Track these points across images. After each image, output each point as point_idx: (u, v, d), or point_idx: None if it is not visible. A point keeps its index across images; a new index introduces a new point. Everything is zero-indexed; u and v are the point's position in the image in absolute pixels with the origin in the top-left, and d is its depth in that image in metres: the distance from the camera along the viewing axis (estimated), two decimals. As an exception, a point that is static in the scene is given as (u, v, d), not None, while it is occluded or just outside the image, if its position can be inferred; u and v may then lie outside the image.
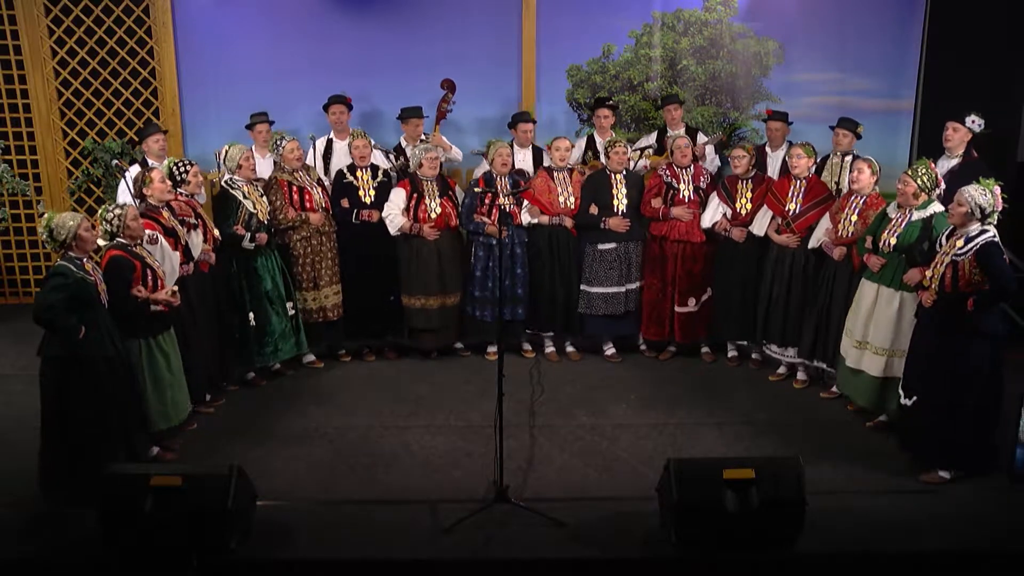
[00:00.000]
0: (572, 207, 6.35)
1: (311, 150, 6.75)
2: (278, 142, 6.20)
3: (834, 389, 5.89)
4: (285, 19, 7.23)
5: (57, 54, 7.30)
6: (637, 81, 7.42)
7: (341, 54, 7.22)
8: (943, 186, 5.20)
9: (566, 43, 7.32)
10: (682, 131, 6.78)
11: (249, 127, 6.58)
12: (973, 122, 5.96)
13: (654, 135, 7.04)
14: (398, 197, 6.28)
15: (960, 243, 4.63)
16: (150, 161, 6.17)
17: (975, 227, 4.61)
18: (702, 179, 6.36)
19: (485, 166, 6.76)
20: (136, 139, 7.40)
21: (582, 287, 6.45)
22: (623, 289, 6.42)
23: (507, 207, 6.25)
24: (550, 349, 6.70)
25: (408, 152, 6.66)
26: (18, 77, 7.34)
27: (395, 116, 6.79)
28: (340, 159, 6.68)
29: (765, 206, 6.06)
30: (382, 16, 7.22)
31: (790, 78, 7.35)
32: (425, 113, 6.73)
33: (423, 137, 6.78)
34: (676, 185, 6.29)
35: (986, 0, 6.79)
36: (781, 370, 6.27)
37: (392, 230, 6.30)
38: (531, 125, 6.66)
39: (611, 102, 6.93)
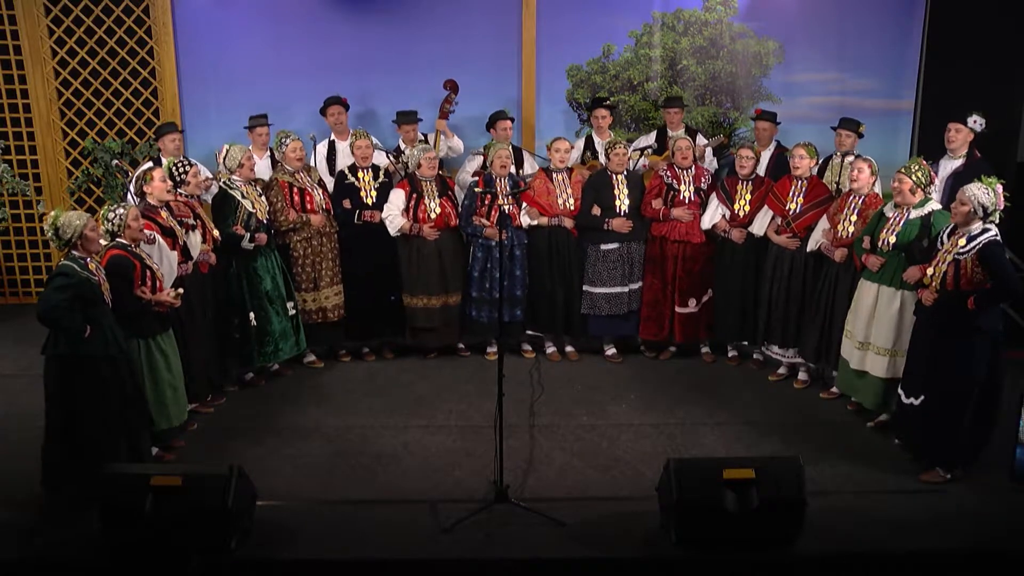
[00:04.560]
0: (571, 208, 6.35)
1: (313, 152, 6.74)
2: (283, 140, 6.16)
3: (834, 390, 5.88)
4: (285, 19, 7.24)
5: (57, 54, 7.30)
6: (637, 81, 7.42)
7: (341, 54, 7.23)
8: (936, 183, 5.16)
9: (566, 43, 7.33)
10: (682, 132, 6.78)
11: (249, 128, 6.58)
12: (975, 122, 5.92)
13: (653, 135, 7.04)
14: (397, 198, 6.28)
15: (962, 242, 4.62)
16: (164, 160, 6.17)
17: (977, 226, 4.61)
18: (703, 180, 6.36)
19: (470, 167, 6.75)
20: (136, 139, 7.44)
21: (585, 287, 6.44)
22: (626, 289, 6.41)
23: (507, 208, 6.25)
24: (551, 349, 6.69)
25: (407, 153, 6.66)
26: (18, 77, 7.35)
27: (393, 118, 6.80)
28: (344, 160, 6.66)
29: (766, 206, 6.06)
30: (382, 16, 7.23)
31: (790, 78, 7.36)
32: (422, 115, 6.73)
33: (421, 138, 6.79)
34: (676, 186, 6.28)
35: (986, 0, 6.79)
36: (781, 370, 6.27)
37: (392, 231, 6.29)
38: (509, 123, 6.63)
39: (608, 102, 6.93)
